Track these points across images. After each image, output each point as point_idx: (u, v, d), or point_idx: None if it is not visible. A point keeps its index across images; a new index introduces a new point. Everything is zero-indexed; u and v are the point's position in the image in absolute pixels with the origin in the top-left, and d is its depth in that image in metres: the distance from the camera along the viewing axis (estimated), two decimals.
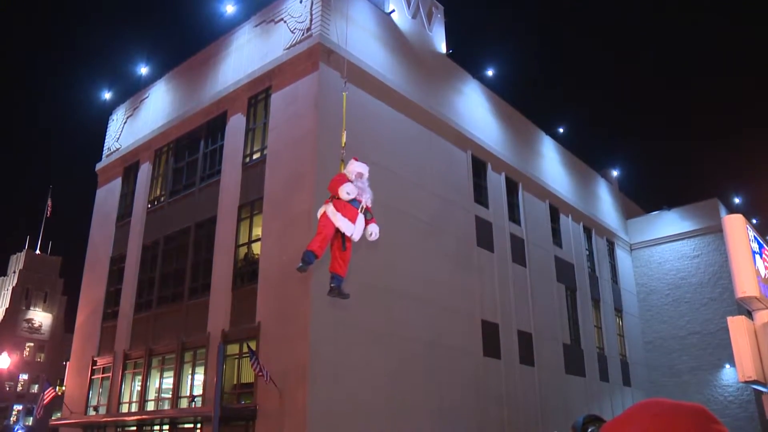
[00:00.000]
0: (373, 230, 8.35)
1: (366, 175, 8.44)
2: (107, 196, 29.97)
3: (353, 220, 8.03)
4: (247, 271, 21.77)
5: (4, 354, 36.02)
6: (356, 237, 8.14)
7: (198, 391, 21.89)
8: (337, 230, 8.01)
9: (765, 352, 14.75)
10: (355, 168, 8.41)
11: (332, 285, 8.40)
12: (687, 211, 38.49)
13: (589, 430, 2.02)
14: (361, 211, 8.15)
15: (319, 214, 8.16)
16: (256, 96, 23.53)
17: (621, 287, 37.46)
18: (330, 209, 8.03)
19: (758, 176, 67.41)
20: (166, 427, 23.15)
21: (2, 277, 70.32)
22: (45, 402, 24.25)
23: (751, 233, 15.73)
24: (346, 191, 8.07)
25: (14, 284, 67.06)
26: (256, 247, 21.67)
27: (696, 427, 1.23)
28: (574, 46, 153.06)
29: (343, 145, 9.09)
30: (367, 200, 8.25)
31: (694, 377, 34.44)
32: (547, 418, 25.88)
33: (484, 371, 24.18)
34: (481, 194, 27.25)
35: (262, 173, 22.01)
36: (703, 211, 37.67)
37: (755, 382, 14.85)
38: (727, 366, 32.84)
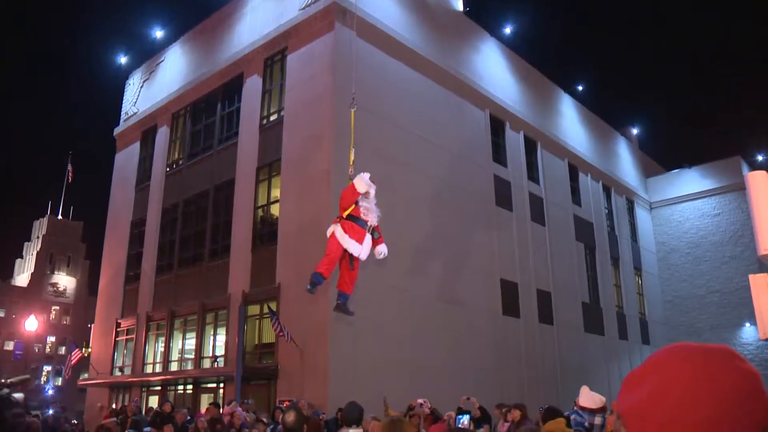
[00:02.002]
0: (382, 251, 8.58)
1: (373, 193, 8.50)
2: (126, 160, 30.15)
3: (360, 240, 8.19)
4: (266, 233, 21.91)
5: (32, 317, 36.72)
6: (363, 257, 8.33)
7: (220, 351, 22.23)
8: (346, 250, 8.17)
9: None
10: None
11: (339, 302, 8.77)
12: (708, 169, 38.00)
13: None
14: (368, 231, 8.28)
15: (328, 234, 8.34)
16: (272, 57, 23.40)
17: (640, 246, 37.28)
18: (338, 231, 8.18)
19: None
20: (189, 386, 23.60)
21: (26, 243, 71.33)
22: (72, 363, 24.79)
23: None
24: (364, 182, 8.18)
25: (38, 249, 67.98)
26: (275, 209, 21.77)
27: (725, 367, 1.23)
28: (592, 1, 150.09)
29: (351, 162, 9.05)
30: (374, 220, 8.36)
31: (714, 335, 34.34)
32: (566, 376, 26.02)
33: (504, 330, 24.30)
34: (499, 153, 27.08)
35: (280, 134, 21.99)
36: (725, 169, 37.16)
37: None
38: (747, 324, 32.75)
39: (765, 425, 1.23)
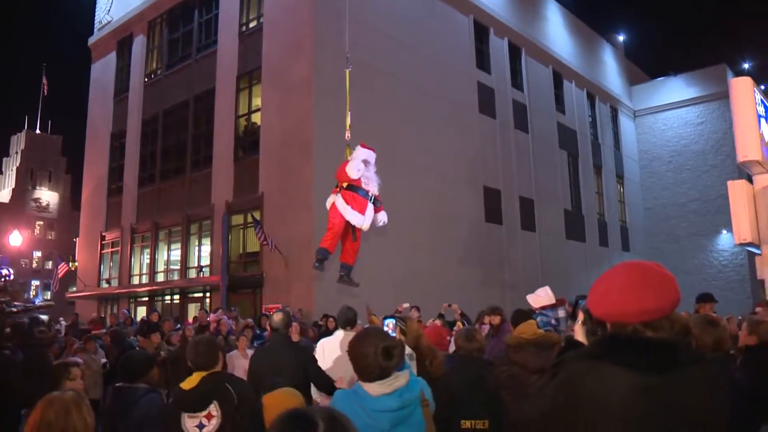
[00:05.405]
0: (382, 218, 8.31)
1: (372, 162, 8.21)
2: (103, 71, 29.41)
3: (363, 211, 7.93)
4: (248, 142, 21.74)
5: (15, 232, 36.57)
6: (366, 228, 8.07)
7: (205, 261, 22.42)
8: (348, 222, 7.95)
9: (762, 215, 15.02)
10: (361, 155, 8.15)
11: (342, 273, 8.52)
12: (694, 77, 37.68)
13: (581, 302, 2.84)
14: (370, 200, 8.03)
15: (328, 205, 8.08)
16: None
17: (623, 154, 37.38)
18: (339, 201, 7.90)
19: None
20: (176, 296, 23.93)
21: (5, 158, 70.39)
22: (59, 276, 24.93)
23: (758, 96, 15.50)
24: (356, 169, 7.92)
25: (18, 165, 67.20)
26: (256, 117, 21.52)
27: (651, 271, 2.03)
28: None
29: (347, 127, 8.61)
30: (374, 189, 8.11)
31: (692, 243, 35.00)
32: (547, 282, 26.13)
33: (486, 237, 24.60)
34: (483, 60, 26.65)
35: (260, 42, 21.49)
36: (710, 77, 36.85)
37: (750, 244, 15.20)
38: (724, 231, 33.28)
39: (676, 305, 2.01)
